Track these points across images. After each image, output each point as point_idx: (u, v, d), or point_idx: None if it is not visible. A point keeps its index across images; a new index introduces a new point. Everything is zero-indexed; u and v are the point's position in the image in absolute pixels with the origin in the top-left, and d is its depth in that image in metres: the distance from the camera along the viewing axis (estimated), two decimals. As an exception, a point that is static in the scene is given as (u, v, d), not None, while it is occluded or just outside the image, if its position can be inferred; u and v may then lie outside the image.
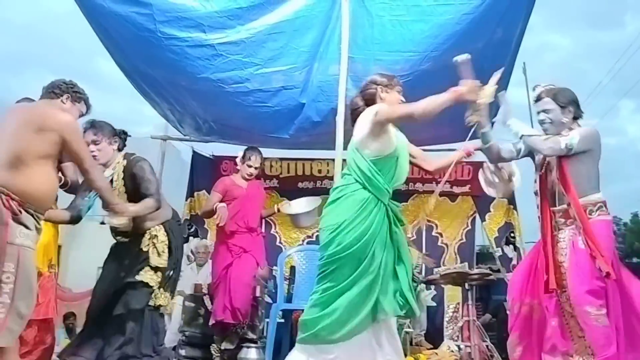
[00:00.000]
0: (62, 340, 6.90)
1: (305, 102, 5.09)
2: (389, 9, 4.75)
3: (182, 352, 5.08)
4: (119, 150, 3.55)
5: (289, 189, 6.96)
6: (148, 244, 3.41)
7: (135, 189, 3.45)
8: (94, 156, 3.24)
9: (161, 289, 3.46)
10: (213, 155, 7.31)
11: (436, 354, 4.90)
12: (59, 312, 6.60)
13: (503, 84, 5.83)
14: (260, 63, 4.85)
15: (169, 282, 3.54)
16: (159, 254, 3.39)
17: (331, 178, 7.01)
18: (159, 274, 3.44)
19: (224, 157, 7.16)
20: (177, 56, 4.74)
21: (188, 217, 7.13)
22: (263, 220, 5.81)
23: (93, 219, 11.30)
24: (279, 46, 4.81)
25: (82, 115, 2.89)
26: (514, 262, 6.58)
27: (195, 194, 7.18)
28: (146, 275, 3.38)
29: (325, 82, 4.95)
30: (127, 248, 3.51)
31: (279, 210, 5.38)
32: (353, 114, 3.20)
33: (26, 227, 2.25)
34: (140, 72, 5.39)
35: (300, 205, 5.01)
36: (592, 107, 11.52)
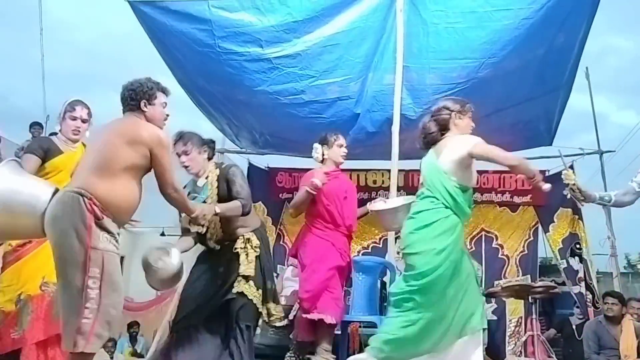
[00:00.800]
0: (125, 349, 7.13)
1: (360, 113, 5.10)
2: (445, 16, 4.69)
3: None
4: (209, 159, 3.44)
5: (345, 200, 6.94)
6: (241, 247, 3.28)
7: (229, 196, 3.31)
8: (185, 167, 3.27)
9: (268, 304, 3.37)
10: (268, 167, 7.42)
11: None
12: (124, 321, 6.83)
13: (565, 92, 5.67)
14: (315, 75, 4.91)
15: (269, 293, 3.41)
16: (247, 261, 3.26)
17: (387, 189, 6.95)
18: (251, 283, 3.28)
19: (279, 169, 7.25)
20: (235, 70, 4.86)
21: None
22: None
23: (154, 230, 11.76)
24: (334, 58, 4.85)
25: (165, 104, 2.72)
26: (580, 274, 6.30)
27: (252, 205, 7.27)
28: (240, 286, 3.25)
29: (380, 92, 4.95)
30: (220, 255, 3.38)
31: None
32: (426, 138, 3.14)
33: (108, 232, 2.29)
34: (199, 87, 5.57)
35: (392, 203, 4.03)
36: (660, 113, 10.89)
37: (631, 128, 8.93)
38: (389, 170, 7.00)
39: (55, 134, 8.47)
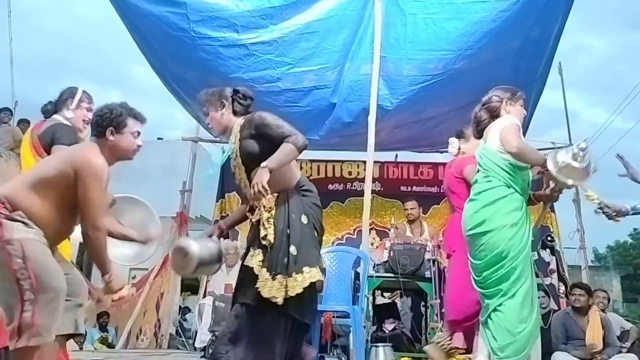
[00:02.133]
0: (94, 339, 7.01)
1: (336, 102, 5.07)
2: (423, 7, 4.70)
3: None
4: (235, 112, 2.84)
5: (320, 191, 6.89)
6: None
7: (263, 146, 2.61)
8: (210, 129, 3.04)
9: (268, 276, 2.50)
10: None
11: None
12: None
13: (539, 86, 5.73)
14: (292, 62, 4.86)
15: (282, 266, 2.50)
16: (263, 228, 2.56)
17: (362, 180, 6.97)
18: (259, 256, 2.56)
19: (255, 159, 7.18)
20: (210, 56, 4.77)
21: (219, 219, 7.16)
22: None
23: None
24: (311, 46, 4.81)
25: (138, 134, 2.41)
26: (552, 266, 6.40)
27: (226, 195, 7.20)
28: (252, 260, 2.57)
29: (356, 82, 4.92)
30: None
31: None
32: (479, 126, 3.10)
33: (24, 224, 2.15)
34: (173, 73, 5.45)
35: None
36: (629, 110, 11.16)
37: (600, 125, 9.12)
38: (364, 162, 7.00)
39: (26, 120, 8.25)
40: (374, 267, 4.91)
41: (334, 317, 5.06)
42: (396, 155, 7.28)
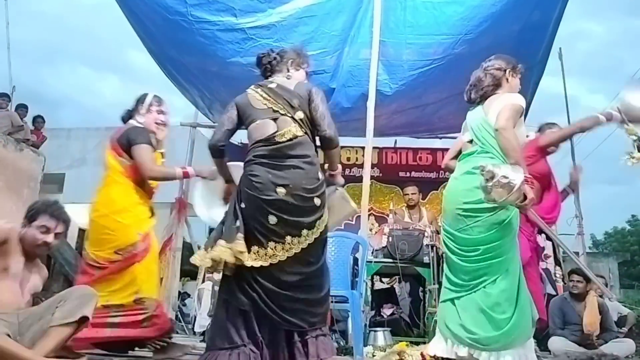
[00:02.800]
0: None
1: (335, 88, 5.04)
2: (423, -9, 4.65)
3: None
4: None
5: (318, 176, 6.92)
6: None
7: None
8: None
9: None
10: (241, 143, 7.31)
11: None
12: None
13: (539, 71, 5.69)
14: (290, 47, 4.80)
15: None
16: None
17: (360, 165, 6.96)
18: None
19: (253, 145, 7.16)
20: (208, 40, 4.73)
21: (217, 204, 7.16)
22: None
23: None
24: (310, 30, 4.76)
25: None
26: (547, 251, 6.41)
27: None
28: None
29: (355, 67, 4.89)
30: None
31: None
32: (478, 91, 2.95)
33: None
34: (171, 58, 5.41)
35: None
36: (630, 96, 11.05)
37: (600, 111, 9.06)
38: (363, 147, 6.99)
39: (24, 105, 8.18)
40: (372, 252, 4.92)
41: (332, 302, 5.10)
42: (395, 141, 7.27)
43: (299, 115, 2.51)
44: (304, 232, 2.42)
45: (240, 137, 7.23)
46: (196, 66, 5.33)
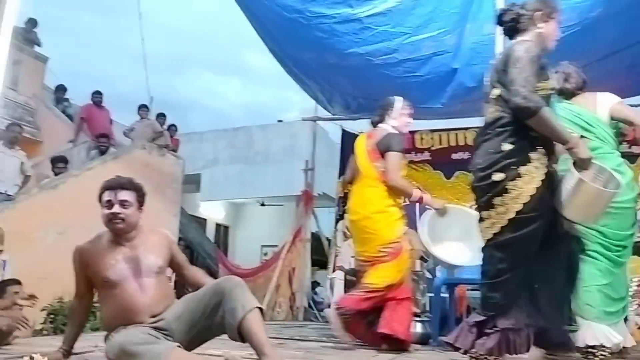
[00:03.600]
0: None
1: (458, 67, 4.85)
2: (549, -47, 4.28)
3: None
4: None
5: (443, 161, 6.73)
6: None
7: None
8: None
9: None
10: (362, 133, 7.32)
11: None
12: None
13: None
14: (408, 31, 4.71)
15: None
16: None
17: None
18: None
19: (374, 134, 7.13)
20: (325, 34, 4.79)
21: (342, 195, 7.26)
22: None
23: (254, 200, 12.20)
24: (427, 11, 4.62)
25: None
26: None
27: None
28: None
29: (479, 43, 4.65)
30: None
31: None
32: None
33: None
34: (290, 56, 5.56)
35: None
36: None
37: None
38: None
39: (163, 115, 8.90)
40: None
41: (467, 289, 4.94)
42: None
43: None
44: None
45: (361, 126, 7.29)
46: (315, 61, 5.43)
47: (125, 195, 2.29)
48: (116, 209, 2.25)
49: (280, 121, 12.82)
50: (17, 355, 2.52)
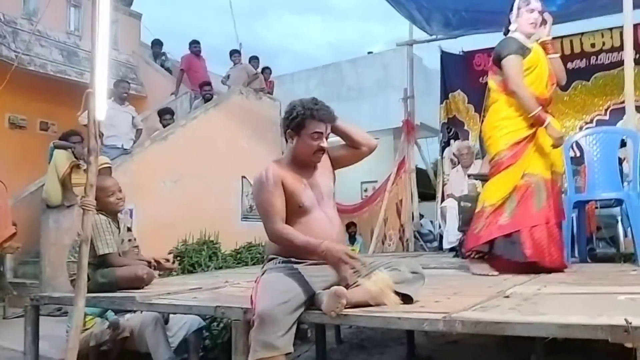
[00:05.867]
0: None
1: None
2: None
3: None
4: None
5: (557, 72, 6.13)
6: None
7: None
8: None
9: None
10: (463, 52, 6.85)
11: None
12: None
13: None
14: None
15: None
16: None
17: (609, 50, 5.94)
18: None
19: (476, 51, 6.65)
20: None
21: (445, 121, 6.94)
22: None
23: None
24: None
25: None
26: None
27: (450, 95, 6.88)
28: None
29: None
30: None
31: None
32: None
33: None
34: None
35: None
36: None
37: None
38: (610, 29, 5.93)
39: (256, 57, 8.89)
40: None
41: (597, 207, 4.56)
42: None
43: None
44: None
45: (461, 45, 6.83)
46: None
47: (329, 129, 2.17)
48: (325, 143, 2.13)
49: (370, 53, 12.40)
50: (162, 292, 2.65)
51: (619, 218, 4.57)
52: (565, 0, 4.54)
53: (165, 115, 6.95)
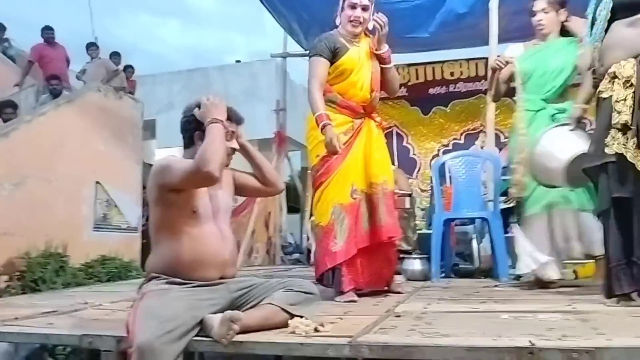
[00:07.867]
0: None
1: (449, -8, 4.56)
2: None
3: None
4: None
5: (420, 96, 6.53)
6: None
7: None
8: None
9: None
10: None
11: None
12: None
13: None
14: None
15: None
16: None
17: (466, 80, 6.46)
18: None
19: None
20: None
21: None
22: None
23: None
24: None
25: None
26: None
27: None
28: None
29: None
30: None
31: None
32: None
33: None
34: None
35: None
36: None
37: None
38: (467, 60, 6.43)
39: (117, 53, 8.15)
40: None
41: (455, 225, 4.87)
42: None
43: None
44: None
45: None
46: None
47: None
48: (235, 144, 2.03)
49: (238, 61, 12.22)
50: (9, 317, 2.19)
51: (474, 235, 4.93)
52: (436, 28, 4.80)
53: (6, 108, 6.09)
